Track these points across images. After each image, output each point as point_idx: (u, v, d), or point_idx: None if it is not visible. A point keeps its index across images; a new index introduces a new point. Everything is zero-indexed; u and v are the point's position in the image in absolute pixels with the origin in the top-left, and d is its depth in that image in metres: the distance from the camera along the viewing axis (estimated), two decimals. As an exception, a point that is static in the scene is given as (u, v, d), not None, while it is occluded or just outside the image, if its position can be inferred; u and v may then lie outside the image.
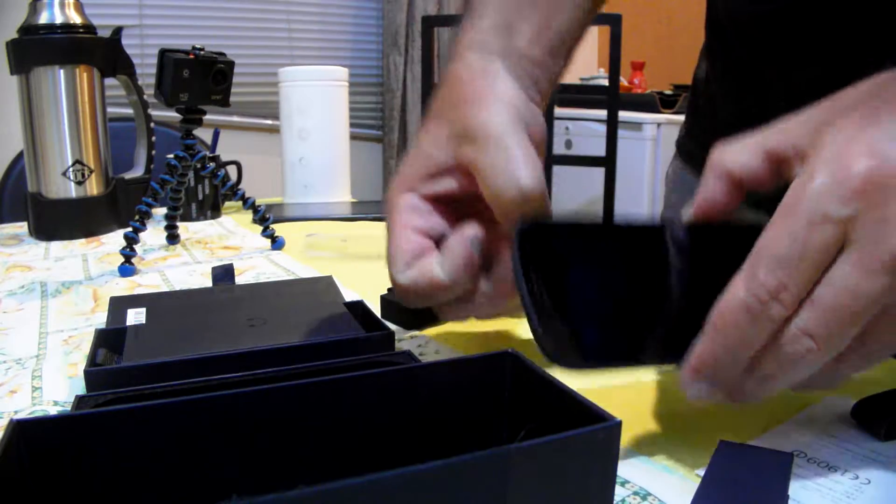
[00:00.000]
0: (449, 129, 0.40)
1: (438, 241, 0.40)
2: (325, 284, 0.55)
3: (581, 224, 0.35)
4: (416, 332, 0.51)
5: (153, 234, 0.87)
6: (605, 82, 1.89)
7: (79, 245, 0.84)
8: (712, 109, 0.68)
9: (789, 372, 0.29)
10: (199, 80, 0.71)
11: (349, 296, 0.53)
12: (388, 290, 0.52)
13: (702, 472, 0.31)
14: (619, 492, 0.30)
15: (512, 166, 0.37)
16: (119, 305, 0.49)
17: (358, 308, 0.49)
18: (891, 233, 0.27)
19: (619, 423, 0.23)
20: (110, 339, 0.43)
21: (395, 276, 0.39)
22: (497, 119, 0.38)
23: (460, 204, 0.41)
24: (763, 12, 0.58)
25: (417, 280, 0.38)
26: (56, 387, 0.42)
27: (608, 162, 1.86)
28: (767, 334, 0.29)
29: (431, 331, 0.51)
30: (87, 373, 0.38)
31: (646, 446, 0.34)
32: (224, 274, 0.57)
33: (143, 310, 0.48)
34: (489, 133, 0.38)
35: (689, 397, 0.31)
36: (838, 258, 0.28)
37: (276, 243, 0.80)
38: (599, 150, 1.85)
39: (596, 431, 0.23)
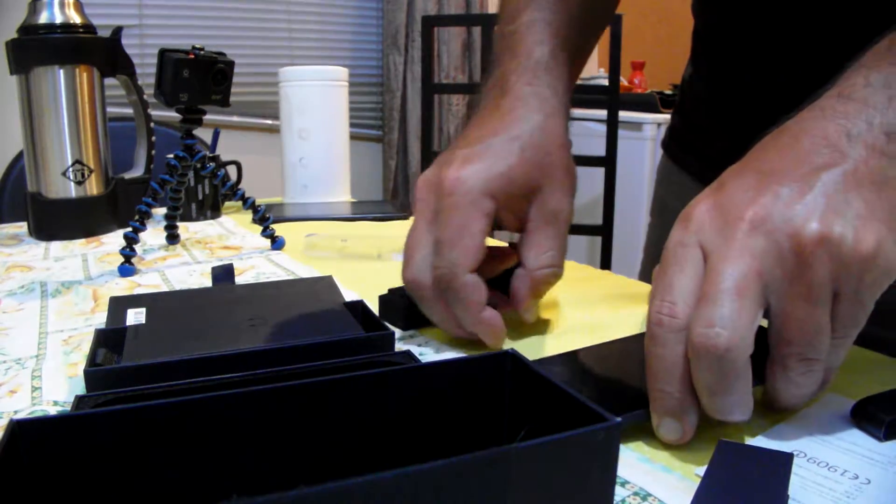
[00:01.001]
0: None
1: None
2: (325, 284, 0.55)
3: None
4: (415, 332, 0.51)
5: (153, 234, 0.87)
6: (605, 82, 1.89)
7: (79, 245, 0.84)
8: (697, 110, 0.68)
9: (722, 369, 0.31)
10: (199, 80, 0.71)
11: (349, 296, 0.53)
12: (388, 290, 0.52)
13: (702, 472, 0.31)
14: (620, 492, 0.30)
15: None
16: (119, 305, 0.49)
17: (358, 308, 0.49)
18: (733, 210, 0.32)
19: (619, 423, 0.23)
20: (110, 339, 0.43)
21: (452, 268, 0.43)
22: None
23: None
24: (733, 23, 0.59)
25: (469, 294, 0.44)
26: (56, 387, 0.42)
27: (608, 162, 1.86)
28: (681, 345, 0.32)
29: (430, 331, 0.51)
30: (86, 373, 0.38)
31: (646, 446, 0.34)
32: (224, 274, 0.57)
33: (143, 310, 0.48)
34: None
35: (667, 439, 0.33)
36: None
37: (276, 243, 0.80)
38: (599, 150, 1.85)
39: (596, 431, 0.23)
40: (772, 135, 0.35)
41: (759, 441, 0.34)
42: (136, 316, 0.47)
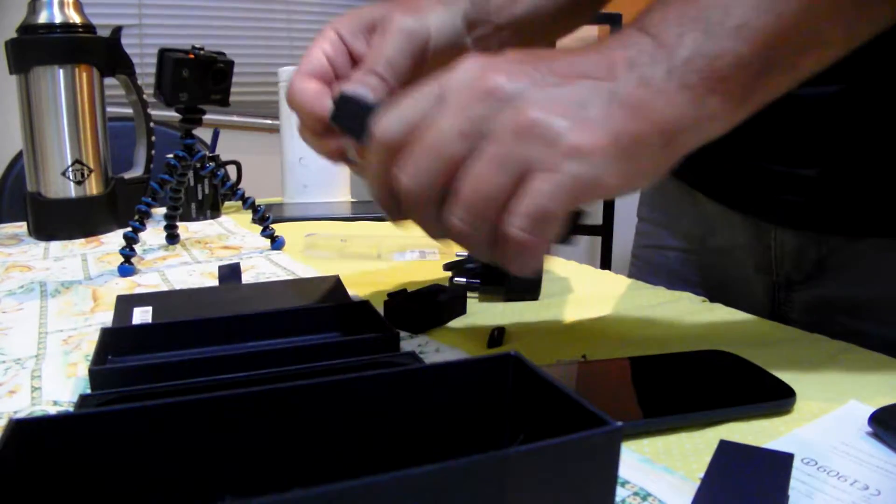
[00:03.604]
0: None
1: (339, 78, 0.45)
2: (332, 284, 0.55)
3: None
4: (415, 334, 0.51)
5: (153, 234, 0.87)
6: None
7: (78, 245, 0.84)
8: None
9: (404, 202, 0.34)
10: (199, 79, 0.71)
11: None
12: (389, 295, 0.52)
13: (702, 472, 0.31)
14: (620, 492, 0.30)
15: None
16: (125, 304, 0.49)
17: (363, 308, 0.49)
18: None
19: (621, 428, 0.23)
20: (116, 337, 0.43)
21: (292, 79, 0.45)
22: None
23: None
24: None
25: (296, 90, 0.44)
26: (55, 387, 0.42)
27: (608, 162, 1.85)
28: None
29: (431, 332, 0.51)
30: (91, 371, 0.38)
31: (646, 447, 0.34)
32: (230, 273, 0.56)
33: (149, 308, 0.48)
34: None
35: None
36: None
37: (276, 243, 0.80)
38: (599, 150, 1.85)
39: (596, 436, 0.23)
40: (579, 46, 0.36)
41: (770, 447, 0.33)
42: (142, 314, 0.47)
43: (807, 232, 0.57)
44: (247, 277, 0.67)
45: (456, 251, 0.61)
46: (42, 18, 0.85)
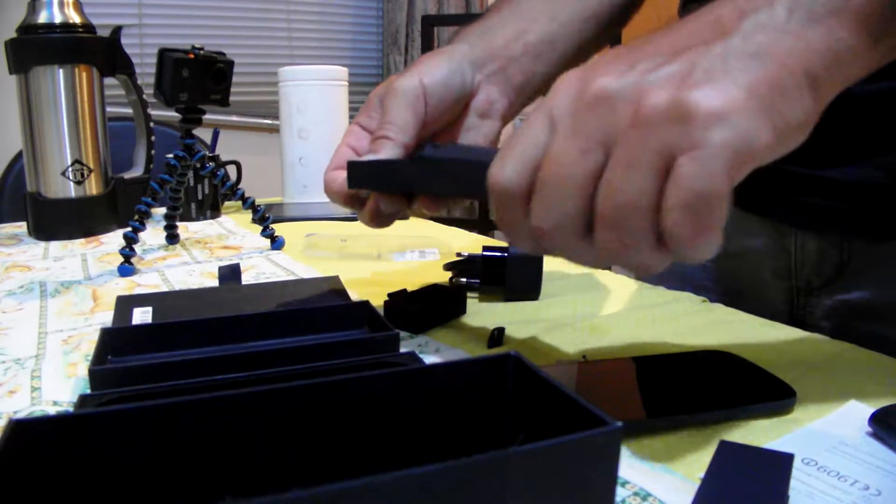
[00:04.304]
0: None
1: None
2: (332, 284, 0.55)
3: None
4: (414, 334, 0.51)
5: (153, 234, 0.87)
6: (605, 82, 1.88)
7: (78, 245, 0.84)
8: None
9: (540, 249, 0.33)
10: (199, 79, 0.71)
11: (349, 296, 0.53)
12: (389, 295, 0.52)
13: (702, 472, 0.30)
14: (620, 492, 0.30)
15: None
16: (125, 304, 0.49)
17: (363, 308, 0.49)
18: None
19: (621, 428, 0.23)
20: (116, 337, 0.43)
21: (324, 177, 0.50)
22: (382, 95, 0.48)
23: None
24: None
25: (327, 182, 0.50)
26: (55, 387, 0.42)
27: (608, 162, 1.85)
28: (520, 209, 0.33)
29: (431, 332, 0.51)
30: (91, 371, 0.38)
31: (646, 446, 0.34)
32: (230, 273, 0.57)
33: (150, 309, 0.48)
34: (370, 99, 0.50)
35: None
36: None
37: (276, 243, 0.80)
38: (599, 150, 1.85)
39: (596, 436, 0.23)
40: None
41: (770, 447, 0.33)
42: (142, 315, 0.47)
43: (828, 235, 0.56)
44: (247, 277, 0.67)
45: (456, 251, 0.61)
46: (42, 18, 0.85)
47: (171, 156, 0.74)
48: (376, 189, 0.46)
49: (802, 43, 0.29)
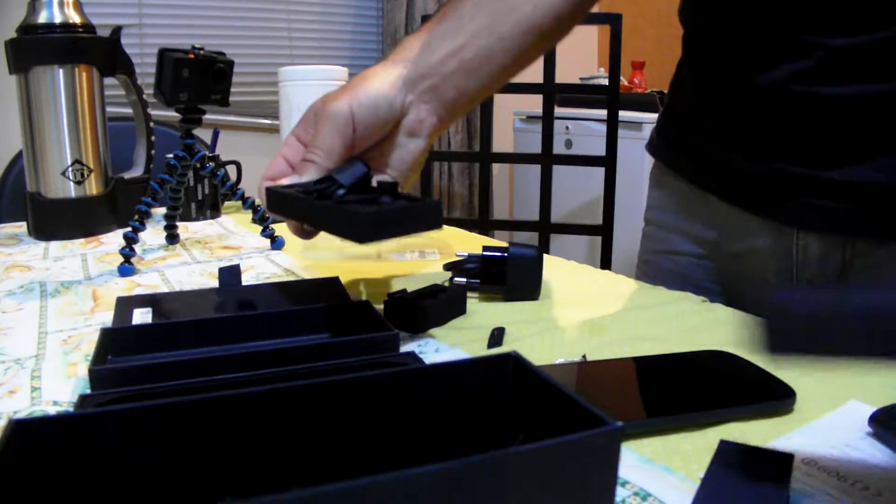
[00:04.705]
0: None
1: None
2: (331, 285, 0.55)
3: None
4: (414, 334, 0.51)
5: (153, 234, 0.87)
6: (605, 82, 1.88)
7: (78, 245, 0.84)
8: (691, 114, 0.67)
9: None
10: (199, 79, 0.71)
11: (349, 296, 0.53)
12: (389, 295, 0.52)
13: (702, 472, 0.30)
14: (620, 492, 0.30)
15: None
16: (125, 305, 0.49)
17: (363, 308, 0.49)
18: None
19: (621, 428, 0.23)
20: (116, 338, 0.43)
21: (260, 181, 0.54)
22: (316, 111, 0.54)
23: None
24: (714, 22, 0.59)
25: (261, 190, 0.53)
26: (55, 387, 0.42)
27: (608, 162, 1.85)
28: None
29: (431, 332, 0.51)
30: (91, 371, 0.38)
31: (647, 447, 0.34)
32: (230, 275, 0.56)
33: (149, 310, 0.48)
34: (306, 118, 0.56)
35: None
36: None
37: (276, 243, 0.80)
38: (599, 149, 1.85)
39: (596, 436, 0.23)
40: None
41: (770, 447, 0.33)
42: (142, 316, 0.47)
43: (831, 236, 0.56)
44: (247, 277, 0.67)
45: (456, 251, 0.61)
46: (42, 18, 0.85)
47: (171, 156, 0.74)
48: (283, 216, 0.51)
49: None
